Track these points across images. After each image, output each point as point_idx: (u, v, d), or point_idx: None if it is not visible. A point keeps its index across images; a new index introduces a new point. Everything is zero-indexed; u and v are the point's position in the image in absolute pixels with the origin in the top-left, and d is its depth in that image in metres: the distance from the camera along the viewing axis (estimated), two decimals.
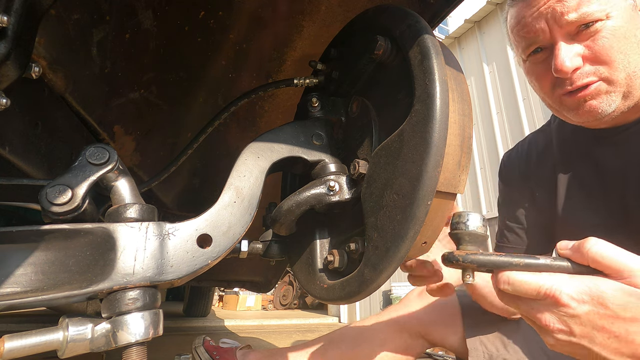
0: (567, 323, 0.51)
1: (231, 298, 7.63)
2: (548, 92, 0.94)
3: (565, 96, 0.89)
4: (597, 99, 0.86)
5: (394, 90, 0.68)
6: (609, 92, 0.85)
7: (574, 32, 0.85)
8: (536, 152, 1.19)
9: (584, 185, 1.02)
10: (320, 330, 4.62)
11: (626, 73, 0.84)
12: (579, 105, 0.88)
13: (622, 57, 0.83)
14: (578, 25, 0.84)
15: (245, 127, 1.41)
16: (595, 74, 0.85)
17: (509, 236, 1.25)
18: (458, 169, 0.62)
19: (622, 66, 0.83)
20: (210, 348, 1.29)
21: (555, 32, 0.86)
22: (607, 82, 0.85)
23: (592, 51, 0.84)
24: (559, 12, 0.84)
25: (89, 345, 0.53)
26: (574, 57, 0.84)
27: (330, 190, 0.72)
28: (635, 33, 0.85)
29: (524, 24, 0.91)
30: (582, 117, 0.90)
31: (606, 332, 0.50)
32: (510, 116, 4.53)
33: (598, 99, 0.86)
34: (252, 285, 2.64)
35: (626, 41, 0.83)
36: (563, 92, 0.89)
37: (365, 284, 0.63)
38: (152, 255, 0.58)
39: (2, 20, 0.50)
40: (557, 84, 0.90)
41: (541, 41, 0.90)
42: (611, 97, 0.86)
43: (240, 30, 1.09)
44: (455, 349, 1.22)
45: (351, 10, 1.05)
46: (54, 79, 0.94)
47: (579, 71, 0.85)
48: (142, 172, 1.41)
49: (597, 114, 0.87)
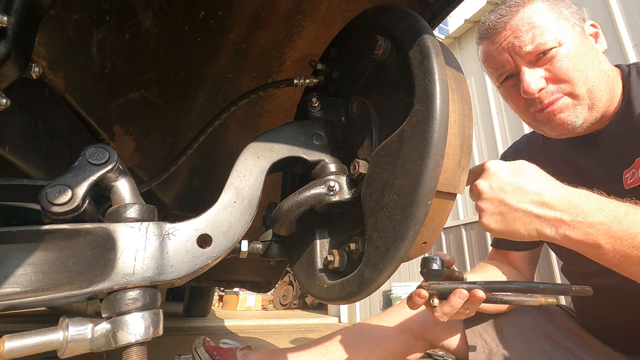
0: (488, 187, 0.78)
1: (231, 298, 7.63)
2: (523, 111, 1.05)
3: (538, 113, 1.00)
4: (565, 112, 0.96)
5: (394, 90, 0.68)
6: (575, 105, 0.96)
7: (534, 60, 0.97)
8: (529, 153, 1.25)
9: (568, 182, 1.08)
10: (320, 330, 4.62)
11: (587, 87, 0.94)
12: (549, 119, 0.99)
13: (580, 75, 0.94)
14: (536, 54, 0.96)
15: (245, 127, 1.41)
16: (559, 91, 0.96)
17: None
18: (458, 169, 0.62)
19: (581, 82, 0.94)
20: (211, 348, 1.29)
21: (517, 61, 0.98)
22: (571, 96, 0.96)
23: (552, 73, 0.95)
24: (517, 45, 0.97)
25: (89, 345, 0.53)
26: (538, 80, 0.96)
27: (330, 190, 0.72)
28: (587, 53, 0.96)
29: (491, 58, 1.04)
30: (555, 130, 1.00)
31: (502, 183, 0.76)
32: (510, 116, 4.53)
33: (566, 112, 0.96)
34: (252, 285, 2.64)
35: (580, 61, 0.94)
36: (535, 110, 1.00)
37: (365, 284, 0.63)
38: (152, 255, 0.58)
39: (2, 20, 0.50)
40: (529, 103, 1.01)
41: (508, 70, 1.02)
42: (577, 109, 0.96)
43: (240, 30, 1.09)
44: (456, 349, 1.22)
45: (351, 10, 1.05)
46: (54, 79, 0.94)
47: (544, 91, 0.96)
48: (142, 172, 1.41)
49: (567, 126, 0.97)
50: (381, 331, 1.26)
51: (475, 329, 1.19)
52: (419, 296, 0.79)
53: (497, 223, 0.76)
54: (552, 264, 3.66)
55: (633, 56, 3.47)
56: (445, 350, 1.25)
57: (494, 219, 0.77)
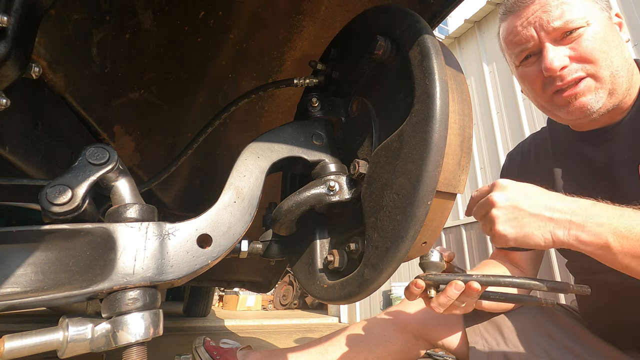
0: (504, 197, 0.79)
1: (231, 298, 7.63)
2: (539, 93, 1.02)
3: (556, 95, 0.97)
4: (586, 96, 0.94)
5: (394, 90, 0.68)
6: (597, 88, 0.93)
7: (559, 38, 0.94)
8: (535, 152, 1.25)
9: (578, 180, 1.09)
10: (320, 330, 4.62)
11: (610, 71, 0.92)
12: (569, 102, 0.96)
13: (605, 57, 0.92)
14: (563, 32, 0.93)
15: (245, 127, 1.41)
16: (582, 69, 0.93)
17: None
18: (458, 169, 0.62)
19: (605, 64, 0.92)
20: (211, 348, 1.29)
21: (542, 37, 0.96)
22: (594, 78, 0.93)
23: (577, 52, 0.93)
24: (545, 20, 0.94)
25: (89, 345, 0.53)
26: (562, 57, 0.93)
27: (330, 190, 0.72)
28: (612, 38, 0.94)
29: (515, 33, 1.00)
30: (572, 115, 0.97)
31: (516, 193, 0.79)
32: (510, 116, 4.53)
33: (588, 95, 0.94)
34: (252, 285, 2.64)
35: (606, 43, 0.92)
36: (553, 90, 0.97)
37: (365, 284, 0.63)
38: (152, 255, 0.58)
39: (2, 20, 0.50)
40: (547, 83, 0.98)
41: (531, 48, 0.99)
42: (599, 93, 0.93)
43: (240, 30, 1.09)
44: (456, 349, 1.22)
45: (351, 10, 1.05)
46: (54, 79, 0.94)
47: (567, 69, 0.93)
48: (142, 172, 1.41)
49: (586, 110, 0.94)
50: (381, 331, 1.26)
51: (476, 328, 1.19)
52: (415, 286, 0.80)
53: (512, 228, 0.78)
54: (552, 263, 3.66)
55: (633, 56, 3.46)
56: (445, 350, 1.25)
57: (509, 224, 0.78)
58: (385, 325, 1.27)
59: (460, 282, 0.77)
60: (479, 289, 0.77)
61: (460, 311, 0.88)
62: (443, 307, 0.82)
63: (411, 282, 0.82)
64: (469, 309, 0.91)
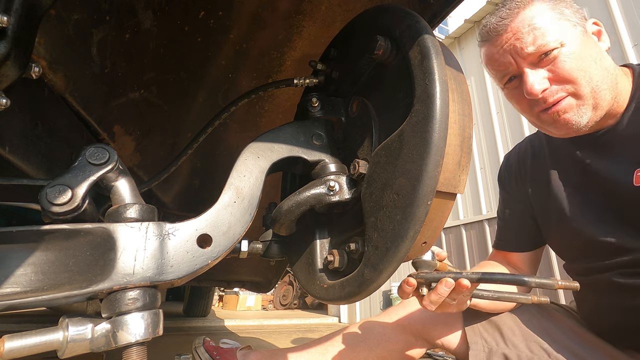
0: None
1: (231, 298, 7.63)
2: (527, 111, 1.05)
3: (542, 113, 1.00)
4: (569, 113, 0.96)
5: (394, 90, 0.68)
6: (579, 105, 0.96)
7: (536, 61, 0.97)
8: (532, 154, 1.25)
9: (572, 183, 1.11)
10: (320, 330, 4.62)
11: (590, 87, 0.94)
12: (554, 120, 0.99)
13: (583, 74, 0.94)
14: (538, 55, 0.96)
15: (245, 127, 1.41)
16: (563, 90, 0.96)
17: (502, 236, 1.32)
18: (458, 169, 0.62)
19: (585, 82, 0.94)
20: (211, 348, 1.29)
21: (520, 62, 0.99)
22: (575, 96, 0.96)
23: (555, 74, 0.95)
24: (519, 48, 0.97)
25: (89, 345, 0.53)
26: (541, 81, 0.96)
27: (330, 190, 0.72)
28: (590, 53, 0.96)
29: (494, 60, 1.04)
30: (560, 130, 1.01)
31: None
32: (510, 116, 4.53)
33: (570, 112, 0.96)
34: (252, 285, 2.64)
35: (583, 61, 0.94)
36: (539, 110, 1.00)
37: (365, 284, 0.63)
38: (152, 255, 0.58)
39: (2, 20, 0.50)
40: (533, 103, 1.01)
41: (511, 72, 1.02)
42: (581, 109, 0.96)
43: (240, 30, 1.09)
44: (456, 349, 1.22)
45: (351, 10, 1.05)
46: (54, 79, 0.94)
47: (547, 91, 0.96)
48: (142, 172, 1.41)
49: (572, 126, 0.97)
50: (381, 331, 1.26)
51: (475, 328, 1.19)
52: (407, 284, 0.82)
53: None
54: (552, 263, 3.66)
55: (633, 56, 3.47)
56: (445, 349, 1.25)
57: None
58: (385, 325, 1.27)
59: (451, 280, 0.79)
60: (468, 286, 0.78)
61: (453, 309, 0.89)
62: (435, 305, 0.84)
63: (403, 281, 0.83)
64: (462, 306, 0.92)
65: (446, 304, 0.86)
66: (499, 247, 1.32)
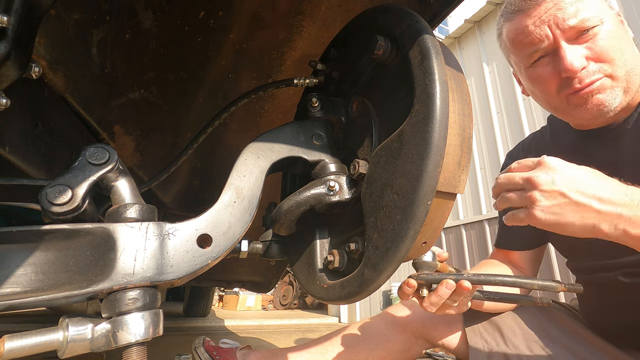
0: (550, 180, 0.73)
1: (231, 298, 7.63)
2: (553, 95, 0.99)
3: (572, 95, 0.94)
4: (603, 93, 0.91)
5: (394, 90, 0.68)
6: (613, 87, 0.91)
7: (574, 37, 0.91)
8: (536, 151, 1.24)
9: None
10: (320, 330, 4.62)
11: (625, 70, 0.91)
12: (586, 100, 0.93)
13: (620, 55, 0.90)
14: (578, 31, 0.90)
15: (245, 127, 1.41)
16: (600, 71, 0.91)
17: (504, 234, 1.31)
18: (458, 169, 0.62)
19: (621, 63, 0.90)
20: (211, 348, 1.29)
21: (557, 37, 0.92)
22: (610, 77, 0.91)
23: (594, 51, 0.90)
24: (560, 18, 0.90)
25: (89, 345, 0.53)
26: (580, 58, 0.90)
27: (330, 190, 0.72)
28: (625, 36, 0.94)
29: (527, 33, 0.96)
30: (589, 113, 0.94)
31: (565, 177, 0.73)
32: (510, 116, 4.53)
33: (604, 93, 0.91)
34: (252, 285, 2.64)
35: (620, 42, 0.91)
36: (570, 92, 0.94)
37: (365, 284, 0.63)
38: (152, 255, 0.58)
39: (2, 20, 0.50)
40: (563, 84, 0.95)
41: (544, 48, 0.95)
42: (615, 91, 0.92)
43: (240, 30, 1.09)
44: (456, 349, 1.22)
45: (351, 10, 1.05)
46: (54, 79, 0.94)
47: (585, 70, 0.91)
48: (142, 172, 1.41)
49: (603, 108, 0.92)
50: (381, 331, 1.26)
51: (476, 328, 1.19)
52: (408, 285, 0.80)
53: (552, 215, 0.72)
54: (552, 262, 3.66)
55: None
56: (445, 349, 1.25)
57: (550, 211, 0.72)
58: (385, 325, 1.27)
59: (452, 282, 0.77)
60: (469, 288, 0.77)
61: (454, 310, 0.88)
62: (435, 307, 0.82)
63: (403, 282, 0.82)
64: (463, 308, 0.91)
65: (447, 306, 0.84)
66: (501, 245, 1.32)
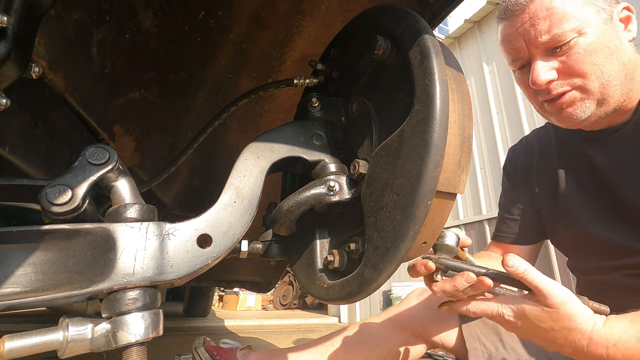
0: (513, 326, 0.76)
1: (231, 298, 7.62)
2: (533, 99, 1.04)
3: (546, 103, 0.99)
4: (572, 107, 0.95)
5: (394, 90, 0.68)
6: (583, 99, 0.94)
7: (550, 49, 0.93)
8: (539, 148, 1.24)
9: (580, 181, 1.09)
10: (320, 330, 4.62)
11: (600, 82, 0.91)
12: (558, 111, 0.98)
13: (595, 69, 0.90)
14: (550, 46, 0.92)
15: (245, 127, 1.41)
16: (568, 84, 0.93)
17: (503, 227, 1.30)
18: (458, 169, 0.62)
19: (595, 77, 0.91)
20: (211, 348, 1.29)
21: (532, 50, 0.95)
22: (580, 90, 0.93)
23: (565, 65, 0.92)
24: (532, 35, 0.93)
25: (89, 345, 0.53)
26: (548, 71, 0.93)
27: (330, 190, 0.72)
28: (608, 45, 0.91)
29: (507, 42, 1.00)
30: (562, 122, 1.00)
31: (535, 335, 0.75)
32: (510, 116, 4.53)
33: (573, 106, 0.95)
34: (252, 285, 2.64)
35: (598, 54, 0.90)
36: (543, 100, 0.99)
37: (365, 284, 0.63)
38: (152, 255, 0.58)
39: (2, 20, 0.50)
40: (537, 92, 1.00)
41: (522, 58, 0.99)
42: (585, 104, 0.94)
43: (240, 30, 1.09)
44: (455, 349, 1.22)
45: (351, 10, 1.05)
46: (54, 79, 0.94)
47: (554, 83, 0.94)
48: (142, 172, 1.41)
49: (574, 120, 0.96)
50: (381, 331, 1.26)
51: (474, 332, 1.18)
52: (425, 267, 0.75)
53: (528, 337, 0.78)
54: (551, 260, 3.65)
55: None
56: (445, 349, 1.25)
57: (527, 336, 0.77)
58: (384, 325, 1.27)
59: (473, 275, 0.71)
60: (491, 285, 0.72)
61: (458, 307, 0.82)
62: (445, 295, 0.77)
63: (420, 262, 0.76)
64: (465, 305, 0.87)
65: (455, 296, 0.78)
66: (499, 239, 1.31)
